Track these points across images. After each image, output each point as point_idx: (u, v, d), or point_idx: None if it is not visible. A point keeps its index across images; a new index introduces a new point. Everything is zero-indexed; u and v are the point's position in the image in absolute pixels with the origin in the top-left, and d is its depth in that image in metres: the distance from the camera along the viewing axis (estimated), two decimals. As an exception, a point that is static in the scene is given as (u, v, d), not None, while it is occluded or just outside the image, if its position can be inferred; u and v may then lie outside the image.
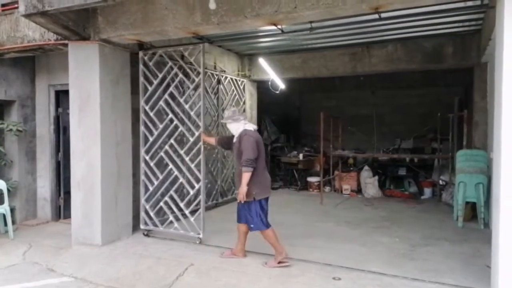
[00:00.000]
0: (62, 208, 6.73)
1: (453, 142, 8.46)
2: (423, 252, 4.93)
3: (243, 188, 4.32)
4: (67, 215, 6.29)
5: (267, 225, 4.51)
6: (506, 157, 3.31)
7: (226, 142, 5.07)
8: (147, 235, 5.65)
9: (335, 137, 9.67)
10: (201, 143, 5.37)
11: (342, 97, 11.83)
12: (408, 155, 9.20)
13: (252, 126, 4.68)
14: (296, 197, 8.92)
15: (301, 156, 9.95)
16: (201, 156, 5.36)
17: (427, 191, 8.79)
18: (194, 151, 5.48)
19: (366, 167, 9.32)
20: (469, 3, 5.09)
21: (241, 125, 4.61)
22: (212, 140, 5.36)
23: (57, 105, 6.68)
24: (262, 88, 9.54)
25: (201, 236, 5.29)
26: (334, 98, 11.94)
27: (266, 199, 4.57)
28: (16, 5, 5.18)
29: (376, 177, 9.01)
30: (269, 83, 9.04)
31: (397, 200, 8.49)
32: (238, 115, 4.66)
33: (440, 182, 8.50)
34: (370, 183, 8.93)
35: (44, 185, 6.74)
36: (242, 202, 4.43)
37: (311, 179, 9.65)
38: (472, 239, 5.47)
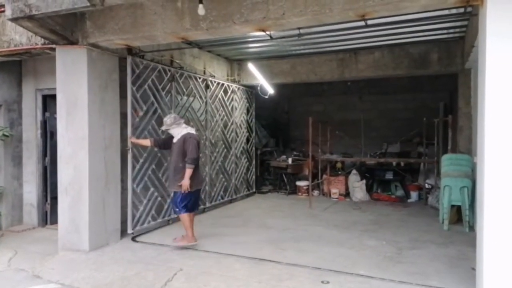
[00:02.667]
0: (49, 213, 6.63)
1: (439, 147, 8.61)
2: (410, 255, 5.00)
3: (186, 181, 5.09)
4: (54, 221, 6.21)
5: (191, 210, 5.31)
6: (489, 161, 3.40)
7: (163, 143, 5.66)
8: (135, 241, 5.61)
9: (323, 142, 9.75)
10: (128, 146, 5.63)
11: (330, 102, 11.95)
12: (395, 159, 9.33)
13: (193, 130, 5.48)
14: (285, 201, 8.95)
15: (290, 160, 10.01)
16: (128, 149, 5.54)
17: (414, 195, 8.92)
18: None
19: (354, 171, 9.42)
20: (453, 11, 5.22)
21: (183, 128, 5.35)
22: (146, 142, 5.66)
23: (44, 109, 6.61)
24: (252, 93, 9.58)
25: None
26: (322, 103, 12.05)
27: (198, 190, 5.47)
28: (2, 9, 5.13)
29: (364, 181, 9.10)
30: (258, 88, 9.10)
31: (384, 203, 8.59)
32: (179, 120, 5.40)
33: (426, 185, 8.63)
34: (358, 187, 9.02)
35: (31, 191, 6.65)
36: (186, 192, 5.14)
37: (300, 183, 9.71)
38: (458, 241, 5.56)
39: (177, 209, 5.32)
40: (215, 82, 8.10)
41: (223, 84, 8.42)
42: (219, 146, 8.25)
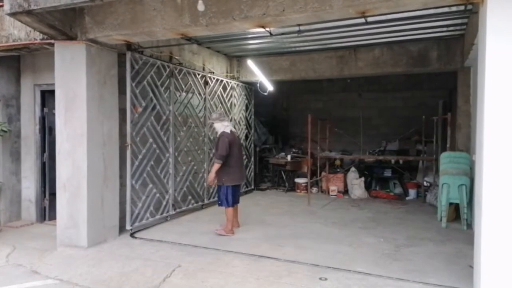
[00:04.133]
0: (47, 209, 6.63)
1: (437, 144, 8.62)
2: (407, 253, 5.02)
3: (211, 174, 5.64)
4: (52, 217, 6.22)
5: (231, 205, 5.71)
6: (488, 159, 3.40)
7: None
8: (134, 237, 5.61)
9: (322, 139, 9.75)
10: (127, 143, 5.63)
11: (329, 99, 11.95)
12: (394, 157, 9.33)
13: (230, 128, 5.79)
14: (284, 198, 8.96)
15: (289, 157, 10.01)
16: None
17: (412, 192, 8.93)
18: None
19: (352, 169, 9.43)
20: (453, 9, 5.20)
21: (223, 126, 5.74)
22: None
23: (43, 105, 6.59)
24: (251, 89, 9.56)
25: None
26: (321, 100, 12.05)
27: (235, 186, 5.80)
28: (1, 3, 5.10)
29: (363, 179, 9.11)
30: (258, 84, 9.08)
31: (383, 201, 8.61)
32: (223, 117, 5.82)
33: (425, 183, 8.65)
34: (356, 184, 9.03)
35: (29, 186, 6.64)
36: (211, 185, 5.85)
37: (299, 180, 9.72)
38: (455, 239, 5.58)
39: (219, 202, 5.83)
40: (214, 78, 8.08)
41: (222, 81, 8.40)
42: None
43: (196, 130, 7.49)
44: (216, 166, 5.58)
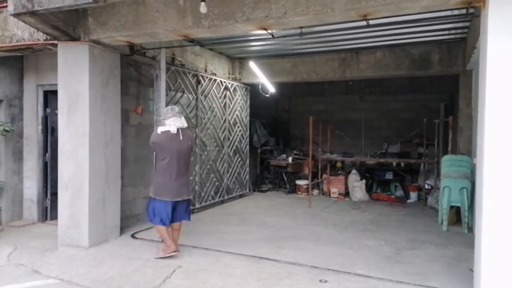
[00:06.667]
0: (49, 209, 6.65)
1: (439, 147, 8.62)
2: (408, 255, 5.01)
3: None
4: (54, 217, 6.23)
5: (161, 223, 4.69)
6: (489, 163, 3.40)
7: None
8: (135, 237, 5.62)
9: (323, 141, 9.76)
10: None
11: (331, 101, 11.96)
12: (395, 160, 9.34)
13: (173, 128, 4.68)
14: (285, 200, 8.96)
15: (290, 159, 10.02)
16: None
17: (413, 195, 8.93)
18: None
19: (354, 171, 9.43)
20: (455, 12, 5.21)
21: (167, 126, 4.72)
22: None
23: (45, 105, 6.61)
24: (253, 91, 9.58)
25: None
26: (323, 102, 12.06)
27: (167, 202, 4.67)
28: (5, 4, 5.13)
29: (364, 181, 9.11)
30: (259, 86, 9.10)
31: (384, 203, 8.60)
32: (169, 114, 4.75)
33: (426, 186, 8.64)
34: (357, 187, 9.03)
35: (31, 186, 6.66)
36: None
37: (300, 182, 9.72)
38: (456, 243, 5.57)
39: (148, 217, 4.85)
40: (206, 77, 7.84)
41: (215, 80, 8.16)
42: (211, 144, 8.04)
43: (197, 131, 7.49)
44: None
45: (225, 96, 8.63)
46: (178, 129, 4.70)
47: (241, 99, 9.31)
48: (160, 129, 4.71)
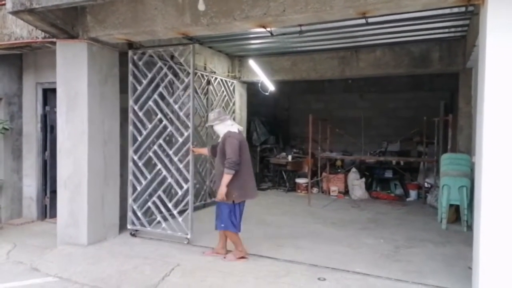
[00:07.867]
0: (48, 207, 6.66)
1: (438, 146, 8.61)
2: (407, 254, 5.02)
3: (222, 189, 4.42)
4: (53, 215, 6.24)
5: (238, 229, 4.62)
6: (487, 161, 3.40)
7: (215, 148, 4.98)
8: (134, 235, 5.63)
9: (323, 139, 9.75)
10: (189, 144, 5.34)
11: (330, 99, 11.94)
12: (395, 158, 9.34)
13: (237, 128, 4.74)
14: (285, 198, 8.96)
15: (289, 157, 10.02)
16: (189, 157, 5.35)
17: (413, 194, 8.93)
18: (183, 151, 5.48)
19: (353, 169, 9.42)
20: (455, 10, 5.19)
21: (227, 126, 4.69)
22: (204, 151, 5.48)
23: (45, 103, 6.62)
24: (252, 89, 9.57)
25: (189, 236, 5.28)
26: (322, 100, 12.05)
27: (244, 202, 4.70)
28: (3, 2, 5.12)
29: (363, 179, 9.11)
30: (259, 84, 9.09)
31: (383, 202, 8.60)
32: (223, 116, 4.76)
33: (425, 184, 8.64)
34: (357, 185, 9.03)
35: (30, 184, 6.67)
36: (222, 201, 4.53)
37: (300, 180, 9.72)
38: (455, 241, 5.57)
39: (222, 225, 4.59)
40: (206, 76, 7.77)
41: (215, 78, 8.12)
42: (210, 142, 7.99)
43: (198, 129, 7.47)
44: (228, 177, 4.38)
45: (224, 94, 8.63)
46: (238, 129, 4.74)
47: (241, 98, 9.31)
48: (233, 128, 4.66)
